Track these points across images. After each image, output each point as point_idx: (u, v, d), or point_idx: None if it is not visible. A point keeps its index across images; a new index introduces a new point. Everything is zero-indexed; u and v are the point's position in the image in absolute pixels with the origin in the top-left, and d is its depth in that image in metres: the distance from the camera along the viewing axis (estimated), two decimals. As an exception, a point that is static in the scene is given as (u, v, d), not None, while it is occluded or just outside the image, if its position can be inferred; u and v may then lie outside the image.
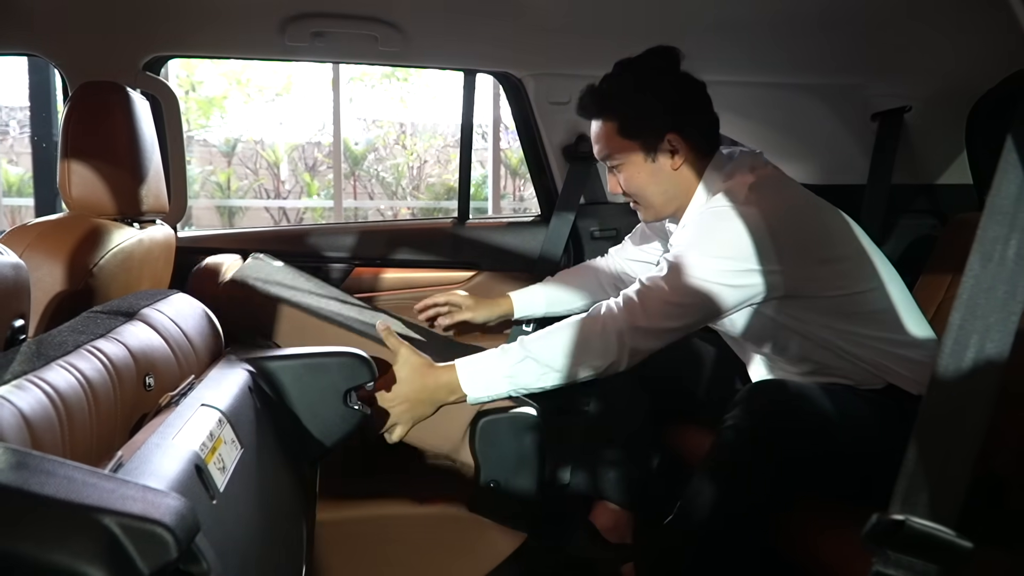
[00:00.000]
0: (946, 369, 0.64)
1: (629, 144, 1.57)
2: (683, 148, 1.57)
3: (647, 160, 1.58)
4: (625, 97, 1.57)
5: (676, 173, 1.59)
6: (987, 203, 0.62)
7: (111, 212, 1.48)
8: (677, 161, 1.57)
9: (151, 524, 0.62)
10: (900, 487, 0.64)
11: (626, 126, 1.56)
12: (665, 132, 1.55)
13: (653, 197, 1.62)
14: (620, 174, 1.62)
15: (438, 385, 1.46)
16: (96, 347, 0.94)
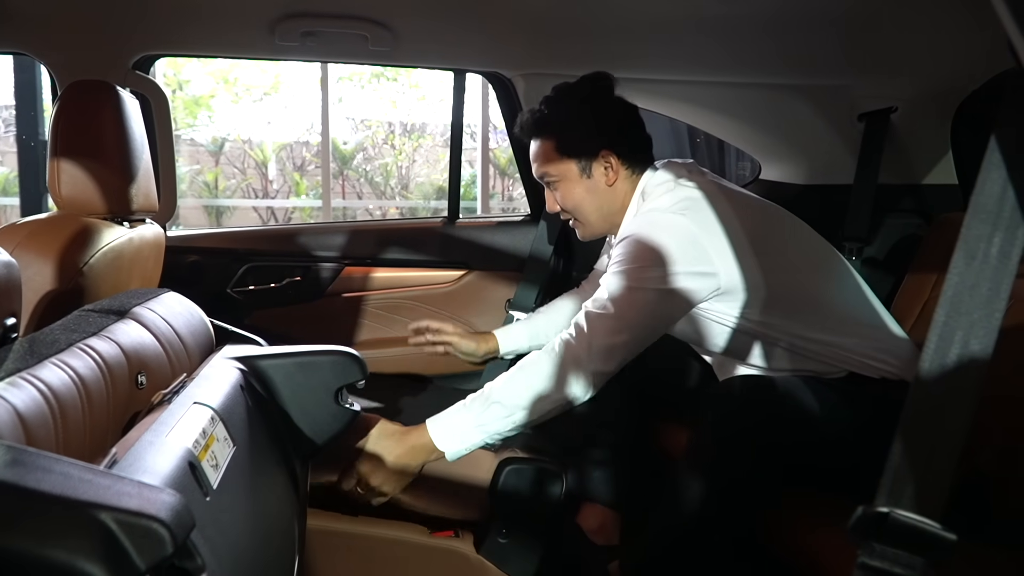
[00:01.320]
0: (931, 365, 0.65)
1: (565, 161, 1.65)
2: (616, 165, 1.64)
3: (583, 176, 1.65)
4: (562, 117, 1.65)
5: (611, 189, 1.66)
6: (971, 202, 0.63)
7: (101, 211, 1.48)
8: (611, 177, 1.65)
9: (147, 520, 0.62)
10: (886, 480, 0.65)
11: (562, 144, 1.65)
12: (599, 149, 1.63)
13: (589, 213, 1.69)
14: (557, 191, 1.69)
15: (415, 448, 1.48)
16: (88, 345, 0.95)
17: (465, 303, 2.27)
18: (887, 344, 1.58)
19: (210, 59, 8.36)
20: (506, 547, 1.55)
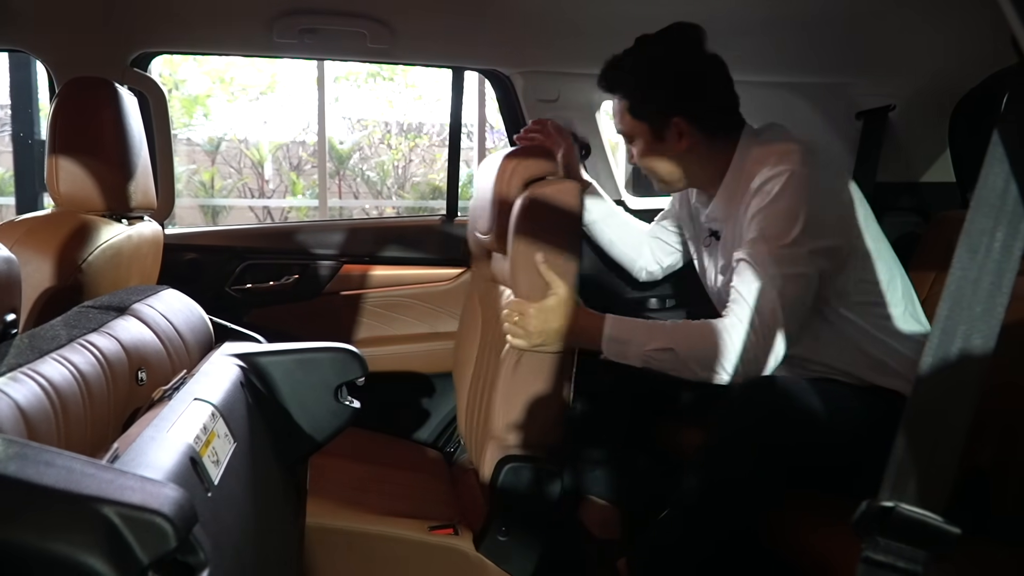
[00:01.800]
0: (934, 359, 0.65)
1: (638, 124, 1.60)
2: (689, 131, 1.57)
3: (655, 140, 1.60)
4: (636, 78, 1.58)
5: (685, 153, 1.60)
6: (974, 196, 0.63)
7: (99, 208, 1.48)
8: (684, 143, 1.58)
9: (150, 514, 0.62)
10: (889, 474, 0.65)
11: (635, 107, 1.59)
12: (671, 116, 1.56)
13: (663, 174, 1.65)
14: (635, 148, 1.65)
15: (581, 328, 1.48)
16: (89, 341, 0.94)
17: (463, 301, 2.27)
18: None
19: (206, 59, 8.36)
20: (505, 545, 1.55)
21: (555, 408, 1.54)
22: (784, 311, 1.41)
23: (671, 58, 1.57)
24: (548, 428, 1.55)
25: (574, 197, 1.52)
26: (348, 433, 1.35)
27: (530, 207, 1.52)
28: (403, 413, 2.26)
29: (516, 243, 1.53)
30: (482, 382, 1.78)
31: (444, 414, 2.26)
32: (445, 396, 2.26)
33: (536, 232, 1.51)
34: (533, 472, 1.54)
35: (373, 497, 1.69)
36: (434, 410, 2.26)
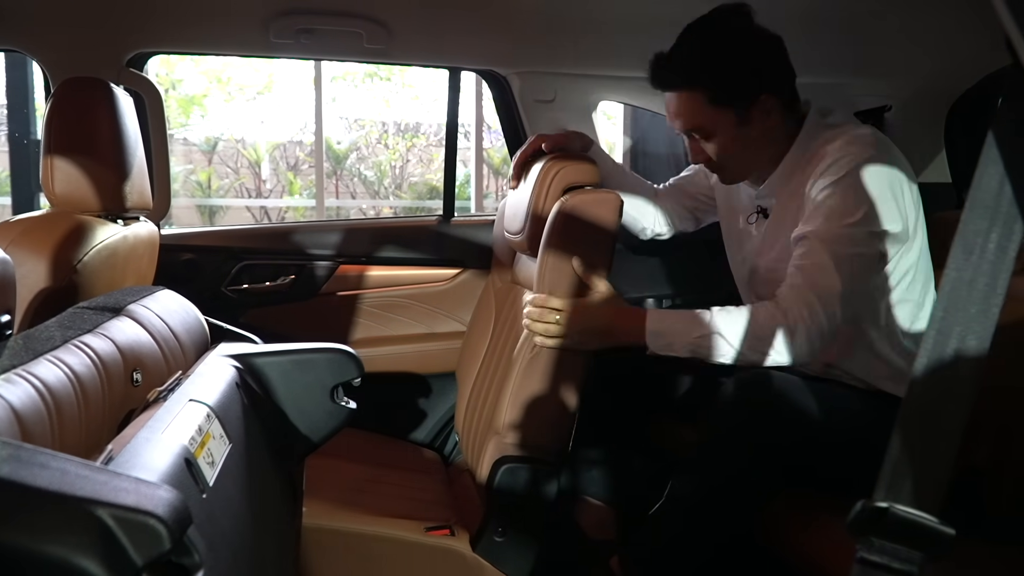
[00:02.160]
0: (929, 360, 0.65)
1: (721, 113, 1.50)
2: (776, 107, 1.50)
3: (740, 125, 1.50)
4: (712, 63, 1.48)
5: (767, 136, 1.53)
6: (969, 197, 0.64)
7: (95, 209, 1.48)
8: (772, 121, 1.51)
9: (144, 516, 0.62)
10: (884, 475, 0.65)
11: (717, 94, 1.48)
12: (759, 94, 1.48)
13: (745, 163, 1.58)
14: (709, 144, 1.54)
15: (623, 325, 1.45)
16: (83, 342, 0.94)
17: (460, 301, 2.27)
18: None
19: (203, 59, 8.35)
20: (502, 545, 1.55)
21: (566, 408, 1.55)
22: (843, 292, 1.38)
23: (743, 36, 1.49)
24: (556, 428, 1.56)
25: (612, 210, 1.52)
26: (344, 434, 1.35)
27: (567, 214, 1.52)
28: (400, 414, 2.26)
29: (548, 247, 1.53)
30: (488, 381, 1.79)
31: (441, 415, 2.26)
32: (442, 397, 2.26)
33: (570, 239, 1.51)
34: (530, 473, 1.54)
35: (369, 498, 1.69)
36: (431, 411, 2.26)
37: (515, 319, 1.78)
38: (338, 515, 1.57)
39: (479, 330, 2.02)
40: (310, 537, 1.48)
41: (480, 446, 1.66)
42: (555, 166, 1.61)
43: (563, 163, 1.61)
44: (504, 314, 1.89)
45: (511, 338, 1.73)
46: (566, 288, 1.51)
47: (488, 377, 1.80)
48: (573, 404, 1.55)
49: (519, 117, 2.23)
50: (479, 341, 1.96)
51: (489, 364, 1.83)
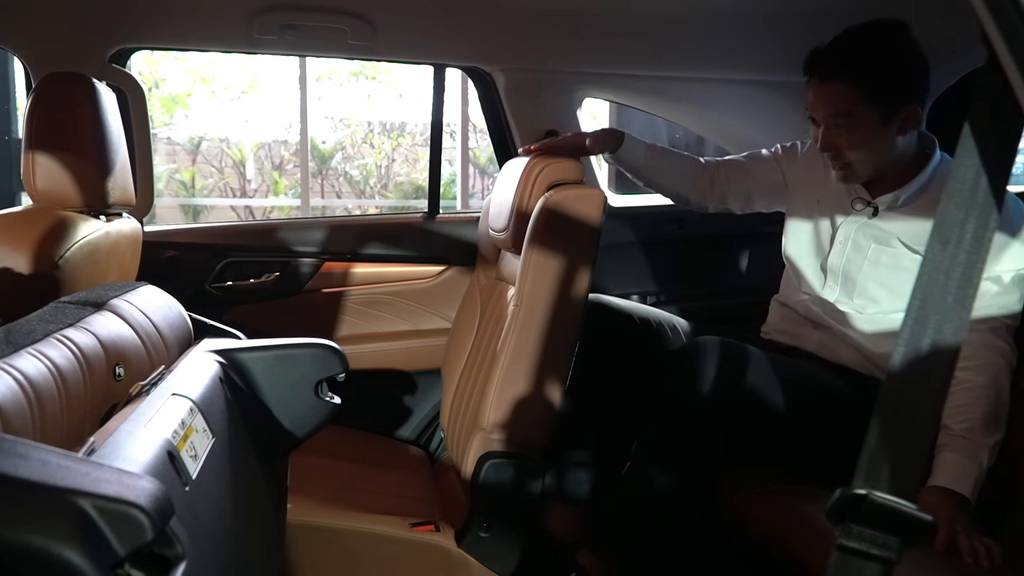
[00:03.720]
0: (906, 349, 0.66)
1: (869, 109, 1.56)
2: (914, 121, 1.59)
3: (881, 126, 1.57)
4: (878, 64, 1.55)
5: (896, 143, 1.60)
6: (945, 188, 0.64)
7: (77, 204, 1.47)
8: (904, 130, 1.59)
9: (126, 506, 0.62)
10: (863, 462, 0.66)
11: (873, 91, 1.55)
12: (907, 104, 1.56)
13: (868, 164, 1.63)
14: (846, 136, 1.60)
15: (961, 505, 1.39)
16: (66, 336, 0.94)
17: (445, 298, 2.27)
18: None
19: (187, 57, 8.29)
20: (487, 541, 1.55)
21: (550, 405, 1.55)
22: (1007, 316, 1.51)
23: (907, 48, 1.57)
24: (540, 424, 1.56)
25: (596, 206, 1.54)
26: (329, 431, 1.34)
27: (551, 211, 1.53)
28: (385, 411, 2.25)
29: (531, 244, 1.54)
30: (473, 377, 1.79)
31: (426, 412, 2.26)
32: (427, 394, 2.26)
33: (553, 236, 1.53)
34: (515, 468, 1.55)
35: (355, 494, 1.68)
36: (416, 407, 2.26)
37: (500, 316, 1.78)
38: (323, 511, 1.57)
39: (464, 327, 2.02)
40: (295, 534, 1.48)
41: (465, 442, 1.66)
42: (539, 163, 1.61)
43: (547, 160, 1.62)
44: (489, 311, 1.89)
45: (496, 334, 1.73)
46: (550, 283, 1.51)
47: (473, 374, 1.80)
48: (557, 401, 1.55)
49: (504, 114, 2.23)
50: (464, 338, 1.96)
51: (474, 361, 1.83)
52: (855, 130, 1.59)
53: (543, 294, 1.53)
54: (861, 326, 1.66)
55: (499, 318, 1.77)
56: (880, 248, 1.65)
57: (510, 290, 1.76)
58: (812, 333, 1.75)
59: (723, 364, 1.47)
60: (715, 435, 1.49)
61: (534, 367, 1.53)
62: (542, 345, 1.54)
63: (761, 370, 1.51)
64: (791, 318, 1.82)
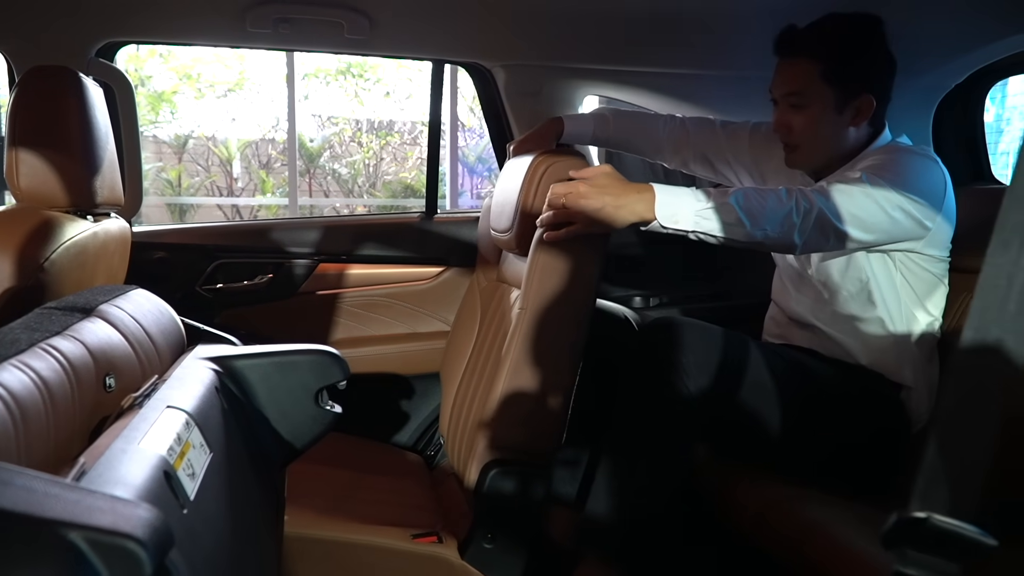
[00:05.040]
0: (965, 360, 0.61)
1: (825, 90, 1.60)
2: (867, 112, 1.61)
3: (833, 110, 1.61)
4: (841, 44, 1.59)
5: (848, 132, 1.64)
6: (1008, 190, 0.60)
7: (63, 204, 1.41)
8: (858, 121, 1.62)
9: (122, 538, 0.56)
10: (919, 483, 0.62)
11: (831, 72, 1.58)
12: (864, 92, 1.60)
13: (817, 146, 1.66)
14: (798, 115, 1.63)
15: (635, 196, 1.42)
16: (52, 345, 0.87)
17: (443, 300, 2.22)
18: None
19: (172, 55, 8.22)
20: (492, 552, 1.50)
21: (556, 409, 1.51)
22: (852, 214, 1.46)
23: (875, 39, 1.61)
24: (546, 429, 1.52)
25: None
26: (325, 438, 1.29)
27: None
28: (382, 417, 2.20)
29: (539, 245, 1.50)
30: (475, 382, 1.74)
31: (424, 417, 2.21)
32: (425, 398, 2.21)
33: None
34: (520, 476, 1.50)
35: (353, 505, 1.63)
36: (414, 413, 2.21)
37: (502, 318, 1.73)
38: (321, 523, 1.51)
39: (464, 330, 1.97)
40: (292, 547, 1.42)
41: (467, 449, 1.61)
42: (544, 162, 1.56)
43: (552, 159, 1.57)
44: (490, 313, 1.84)
45: (498, 337, 1.69)
46: (557, 287, 1.47)
47: (475, 378, 1.75)
48: (563, 404, 1.51)
49: (504, 111, 2.18)
50: (464, 341, 1.91)
51: (475, 364, 1.78)
52: (808, 110, 1.62)
53: (550, 297, 1.48)
54: (842, 324, 1.66)
55: (502, 321, 1.73)
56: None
57: (513, 292, 1.72)
58: (801, 333, 1.74)
59: (686, 342, 1.47)
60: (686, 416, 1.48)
61: (541, 372, 1.48)
62: (549, 349, 1.49)
63: (730, 346, 1.51)
64: (781, 320, 1.82)
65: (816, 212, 1.44)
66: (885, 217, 1.49)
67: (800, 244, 1.46)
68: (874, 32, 1.61)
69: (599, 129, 1.92)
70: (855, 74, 1.60)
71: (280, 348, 1.23)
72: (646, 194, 1.41)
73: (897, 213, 1.49)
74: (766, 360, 1.54)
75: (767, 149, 1.83)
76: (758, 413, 1.53)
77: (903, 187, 1.49)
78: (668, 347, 1.47)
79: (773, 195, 1.44)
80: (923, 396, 1.62)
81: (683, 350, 1.46)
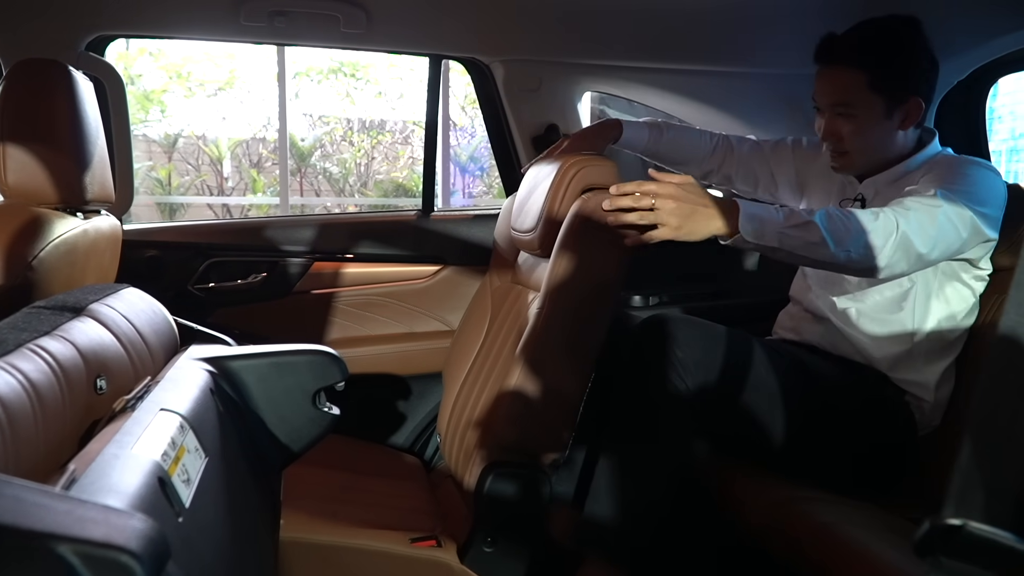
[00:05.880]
0: (1000, 362, 0.59)
1: (873, 98, 1.57)
2: (915, 116, 1.59)
3: (883, 117, 1.58)
4: (886, 52, 1.56)
5: (896, 136, 1.62)
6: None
7: (52, 201, 1.37)
8: (907, 124, 1.60)
9: (115, 551, 0.52)
10: (954, 489, 0.59)
11: (879, 80, 1.56)
12: (912, 96, 1.57)
13: (867, 153, 1.64)
14: (848, 124, 1.60)
15: (720, 207, 1.38)
16: (40, 346, 0.84)
17: (441, 299, 2.19)
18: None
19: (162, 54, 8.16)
20: (492, 556, 1.47)
21: (568, 411, 1.49)
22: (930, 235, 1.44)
23: (917, 42, 1.59)
24: (555, 432, 1.49)
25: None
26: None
27: (586, 216, 1.47)
28: (378, 417, 2.17)
29: (563, 249, 1.48)
30: (480, 383, 1.71)
31: (421, 418, 2.17)
32: (422, 399, 2.17)
33: (587, 242, 1.46)
34: (522, 479, 1.47)
35: (350, 508, 1.60)
36: (411, 414, 2.17)
37: (516, 320, 1.71)
38: (318, 527, 1.48)
39: (471, 330, 1.94)
40: (288, 551, 1.39)
41: (468, 451, 1.58)
42: (574, 166, 1.54)
43: (583, 163, 1.55)
44: (503, 314, 1.82)
45: (510, 338, 1.66)
46: (579, 289, 1.45)
47: (480, 379, 1.72)
48: (575, 407, 1.48)
49: (502, 107, 2.15)
50: (470, 341, 1.88)
51: (482, 366, 1.76)
52: (857, 118, 1.59)
53: (572, 299, 1.46)
54: (862, 323, 1.64)
55: (515, 322, 1.70)
56: None
57: (530, 294, 1.70)
58: (814, 327, 1.72)
59: (680, 338, 1.45)
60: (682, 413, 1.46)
61: (555, 374, 1.46)
62: (566, 351, 1.47)
63: (730, 344, 1.49)
64: (796, 313, 1.80)
65: (900, 235, 1.41)
66: (959, 237, 1.48)
67: (883, 267, 1.43)
68: (914, 34, 1.59)
69: (653, 139, 1.89)
70: (902, 79, 1.57)
71: (277, 348, 1.20)
72: (732, 207, 1.39)
73: (969, 231, 1.48)
74: (768, 358, 1.52)
75: (809, 160, 1.83)
76: (760, 412, 1.51)
77: (976, 203, 1.47)
78: (662, 343, 1.45)
79: (856, 217, 1.42)
80: (932, 399, 1.60)
81: (677, 346, 1.44)
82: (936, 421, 1.61)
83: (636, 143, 1.89)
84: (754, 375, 1.49)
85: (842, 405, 1.57)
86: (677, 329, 1.46)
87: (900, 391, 1.60)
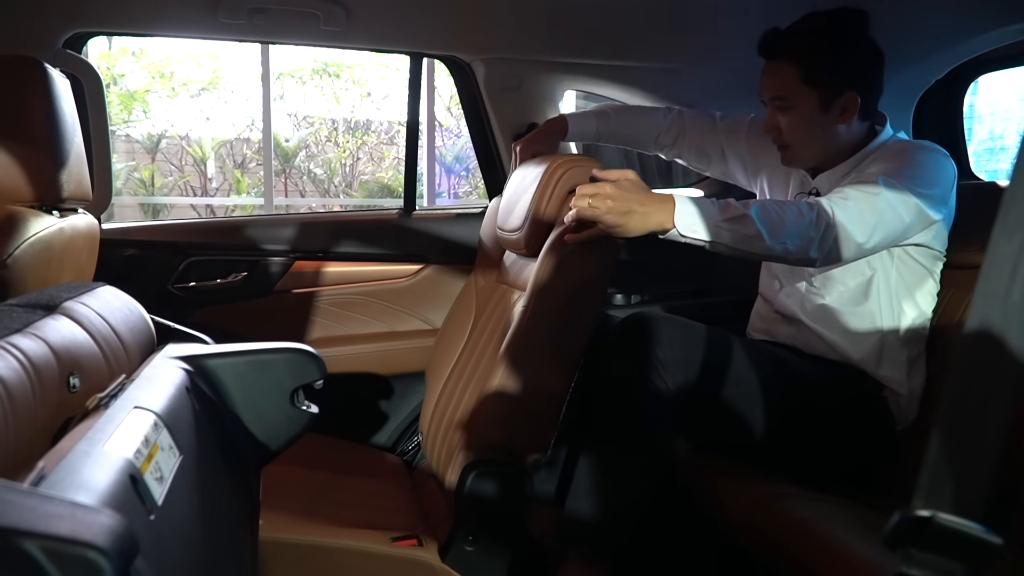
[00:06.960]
0: (969, 353, 0.59)
1: (807, 91, 1.60)
2: (854, 108, 1.60)
3: (819, 111, 1.61)
4: (818, 45, 1.58)
5: (838, 129, 1.63)
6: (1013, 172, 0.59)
7: (27, 199, 1.35)
8: (845, 118, 1.61)
9: (82, 547, 0.52)
10: (923, 480, 0.59)
11: (811, 73, 1.58)
12: (846, 90, 1.59)
13: (808, 147, 1.66)
14: (785, 117, 1.64)
15: (655, 203, 1.40)
16: (11, 343, 0.83)
17: (423, 298, 2.18)
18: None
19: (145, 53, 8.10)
20: (473, 555, 1.47)
21: (551, 411, 1.49)
22: (871, 224, 1.45)
23: (858, 35, 1.60)
24: (538, 431, 1.49)
25: None
26: (301, 439, 1.25)
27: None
28: (359, 416, 2.16)
29: (551, 250, 1.48)
30: (463, 382, 1.71)
31: (403, 417, 2.17)
32: (404, 398, 2.17)
33: (574, 243, 1.46)
34: (503, 477, 1.47)
35: (331, 507, 1.59)
36: (392, 413, 2.17)
37: (500, 318, 1.71)
38: (297, 527, 1.47)
39: (454, 330, 1.93)
40: (268, 551, 1.38)
41: (449, 450, 1.58)
42: (561, 167, 1.55)
43: (569, 164, 1.56)
44: (487, 314, 1.82)
45: (494, 337, 1.66)
46: (565, 289, 1.45)
47: (463, 378, 1.72)
48: (557, 407, 1.49)
49: (483, 106, 2.15)
50: (454, 341, 1.88)
51: (465, 365, 1.75)
52: (793, 112, 1.62)
53: (557, 299, 1.47)
54: (832, 319, 1.65)
55: (499, 321, 1.70)
56: None
57: (515, 294, 1.71)
58: (786, 329, 1.73)
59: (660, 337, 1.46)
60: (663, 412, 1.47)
61: (539, 374, 1.46)
62: (550, 351, 1.48)
63: (710, 343, 1.51)
64: (767, 315, 1.81)
65: (836, 225, 1.43)
66: (901, 222, 1.49)
67: (819, 258, 1.46)
68: (853, 27, 1.59)
69: (602, 125, 1.92)
70: (835, 73, 1.59)
71: (254, 347, 1.19)
72: (667, 203, 1.40)
73: (913, 215, 1.49)
74: (749, 357, 1.53)
75: (764, 144, 1.82)
76: (741, 410, 1.51)
77: (920, 185, 1.49)
78: (643, 342, 1.45)
79: (793, 208, 1.43)
80: (907, 393, 1.61)
81: (658, 345, 1.45)
82: (912, 415, 1.63)
83: (585, 133, 1.93)
84: (734, 373, 1.50)
85: (822, 402, 1.58)
86: (658, 328, 1.46)
87: (879, 386, 1.61)
